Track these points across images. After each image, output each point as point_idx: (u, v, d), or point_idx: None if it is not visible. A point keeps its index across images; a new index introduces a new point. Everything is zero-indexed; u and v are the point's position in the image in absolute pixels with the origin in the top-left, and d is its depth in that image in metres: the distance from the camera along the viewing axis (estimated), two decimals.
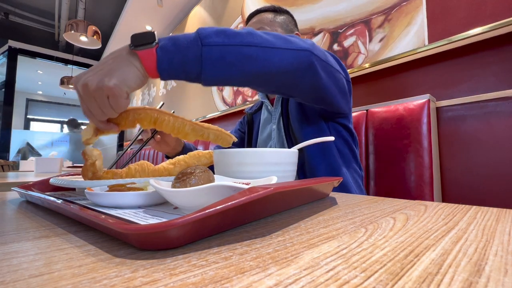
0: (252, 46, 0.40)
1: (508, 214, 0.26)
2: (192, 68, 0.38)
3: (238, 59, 0.39)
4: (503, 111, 0.78)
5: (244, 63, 0.40)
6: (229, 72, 0.40)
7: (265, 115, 0.84)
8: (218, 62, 0.39)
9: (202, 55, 0.38)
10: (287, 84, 0.48)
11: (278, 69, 0.43)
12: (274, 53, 0.42)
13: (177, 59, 0.38)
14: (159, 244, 0.17)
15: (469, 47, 0.87)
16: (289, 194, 0.29)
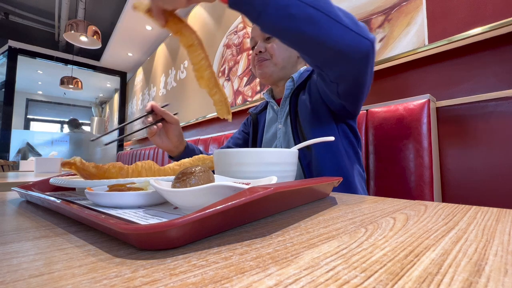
0: (319, 10, 0.40)
1: (508, 214, 0.26)
2: (257, 5, 0.39)
3: (301, 16, 0.40)
4: (503, 111, 0.78)
5: (305, 22, 0.40)
6: (287, 24, 0.40)
7: (270, 114, 0.83)
8: (282, 10, 0.39)
9: (267, 6, 0.39)
10: (334, 63, 0.46)
11: (333, 44, 0.42)
12: (338, 27, 0.41)
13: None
14: (159, 244, 0.17)
15: (469, 47, 0.87)
16: (289, 194, 0.29)
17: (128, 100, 5.47)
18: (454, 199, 0.84)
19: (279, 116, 0.78)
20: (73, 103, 8.32)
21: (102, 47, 4.45)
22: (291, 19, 0.40)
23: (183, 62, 3.02)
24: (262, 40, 0.77)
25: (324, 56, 0.45)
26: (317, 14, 0.40)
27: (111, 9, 3.72)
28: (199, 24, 2.71)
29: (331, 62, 0.46)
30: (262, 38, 0.77)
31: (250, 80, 1.93)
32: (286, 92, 0.76)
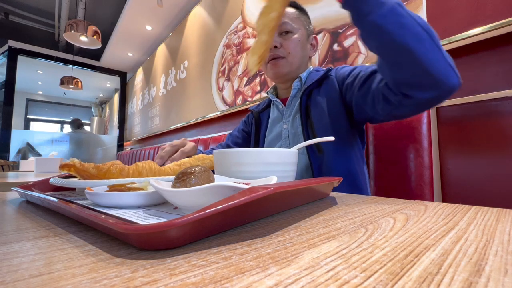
0: (426, 31, 0.42)
1: (508, 214, 0.26)
2: (372, 3, 0.42)
3: (410, 29, 0.41)
4: (503, 111, 0.78)
5: (411, 36, 0.41)
6: (396, 31, 0.41)
7: (274, 114, 0.81)
8: (395, 16, 0.41)
9: (386, 2, 0.41)
10: (418, 86, 0.45)
11: (429, 67, 0.42)
12: (437, 52, 0.42)
13: None
14: (159, 244, 0.17)
15: (469, 47, 0.87)
16: (289, 194, 0.29)
17: (128, 100, 5.47)
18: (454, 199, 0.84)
19: (284, 116, 0.75)
20: (73, 103, 8.32)
21: (102, 47, 4.45)
22: (401, 28, 0.41)
23: (183, 62, 3.02)
24: (278, 34, 0.72)
25: (413, 76, 0.44)
26: (423, 34, 0.42)
27: (111, 9, 3.72)
28: (199, 24, 2.71)
29: (416, 84, 0.45)
30: (278, 31, 0.72)
31: (250, 80, 1.93)
32: (293, 91, 0.74)
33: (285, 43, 0.71)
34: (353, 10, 0.44)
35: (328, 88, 0.69)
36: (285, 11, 0.70)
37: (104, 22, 4.01)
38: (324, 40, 1.33)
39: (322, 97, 0.68)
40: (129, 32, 3.79)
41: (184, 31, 3.05)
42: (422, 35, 0.42)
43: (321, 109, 0.66)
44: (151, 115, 4.00)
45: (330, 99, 0.67)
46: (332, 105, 0.66)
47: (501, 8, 0.79)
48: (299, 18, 0.74)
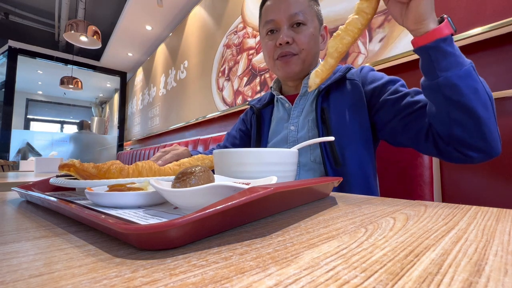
0: (491, 101, 0.44)
1: (508, 214, 0.26)
2: (454, 62, 0.42)
3: (480, 96, 0.42)
4: (503, 111, 0.78)
5: (480, 102, 0.42)
6: (468, 93, 0.42)
7: (280, 113, 0.72)
8: (470, 80, 0.42)
9: (464, 62, 0.43)
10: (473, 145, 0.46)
11: (485, 133, 0.44)
12: (494, 123, 0.45)
13: (457, 52, 0.43)
14: (159, 244, 0.17)
15: (469, 47, 0.87)
16: (289, 194, 0.29)
17: (128, 100, 5.48)
18: (454, 199, 0.84)
19: (291, 116, 0.67)
20: (73, 103, 8.33)
21: (102, 47, 4.46)
22: (474, 93, 0.42)
23: (183, 62, 3.03)
24: (288, 26, 0.63)
25: (471, 138, 0.45)
26: (489, 103, 0.43)
27: (111, 9, 3.72)
28: (199, 24, 2.71)
29: (469, 145, 0.46)
30: (288, 22, 0.63)
31: (250, 80, 1.93)
32: (303, 89, 0.67)
33: (297, 37, 0.62)
34: (429, 60, 0.43)
35: (350, 92, 0.61)
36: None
37: (104, 22, 4.01)
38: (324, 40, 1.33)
39: (343, 102, 0.61)
40: (129, 32, 3.79)
41: (184, 31, 3.05)
42: (488, 104, 0.43)
43: (342, 117, 0.59)
44: (151, 115, 4.00)
45: (354, 107, 0.60)
46: (355, 115, 0.59)
47: (501, 8, 0.79)
48: (311, 6, 0.65)
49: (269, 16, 0.65)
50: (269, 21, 0.65)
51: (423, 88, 0.46)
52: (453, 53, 0.41)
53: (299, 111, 0.67)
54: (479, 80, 0.43)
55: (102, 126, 7.47)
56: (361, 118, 0.59)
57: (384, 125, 0.58)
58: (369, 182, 0.59)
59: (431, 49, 0.42)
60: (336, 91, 0.62)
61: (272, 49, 0.65)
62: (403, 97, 0.55)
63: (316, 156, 0.61)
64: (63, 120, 8.45)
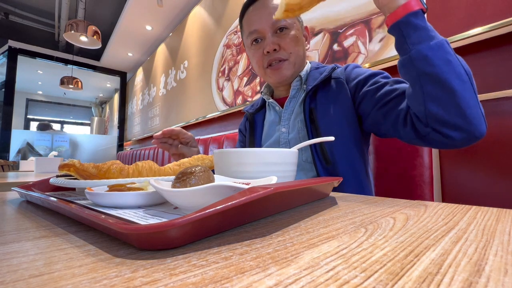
0: (468, 76, 0.42)
1: (508, 214, 0.26)
2: (424, 36, 0.43)
3: (455, 68, 0.42)
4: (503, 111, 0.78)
5: (455, 75, 0.42)
6: (440, 64, 0.42)
7: (271, 116, 0.73)
8: (443, 52, 0.42)
9: (436, 36, 0.43)
10: (452, 123, 0.44)
11: (465, 107, 0.42)
12: (474, 98, 0.43)
13: (428, 26, 0.43)
14: (159, 244, 0.17)
15: (469, 47, 0.87)
16: (289, 194, 0.29)
17: (128, 100, 5.48)
18: (454, 199, 0.84)
19: (282, 118, 0.68)
20: (73, 103, 8.33)
21: (102, 47, 4.46)
22: (447, 65, 0.41)
23: (183, 62, 3.03)
24: (272, 34, 0.63)
25: (448, 113, 0.43)
26: (466, 77, 0.42)
27: (111, 9, 3.72)
28: (199, 24, 2.71)
29: (448, 122, 0.44)
30: (272, 30, 0.63)
31: (250, 80, 1.93)
32: (292, 92, 0.67)
33: (283, 42, 0.63)
34: (401, 35, 0.44)
35: (335, 91, 0.62)
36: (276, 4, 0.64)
37: (104, 22, 4.01)
38: (324, 40, 1.33)
39: (329, 101, 0.62)
40: (129, 32, 3.79)
41: (184, 31, 3.05)
42: (464, 77, 0.42)
43: (329, 115, 0.60)
44: (151, 115, 4.00)
45: (339, 105, 0.61)
46: (341, 112, 0.60)
47: (501, 8, 0.79)
48: None
49: (252, 26, 0.65)
50: (253, 31, 0.65)
51: (399, 67, 0.47)
52: (424, 27, 0.42)
53: (289, 113, 0.68)
54: (453, 54, 0.43)
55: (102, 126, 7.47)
56: (348, 115, 0.60)
57: (367, 117, 0.58)
58: (360, 179, 0.59)
59: (402, 23, 0.43)
60: (322, 90, 0.63)
61: (260, 58, 0.66)
62: (382, 86, 0.55)
63: (308, 156, 0.62)
64: (63, 120, 8.45)
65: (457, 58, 0.43)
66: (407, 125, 0.50)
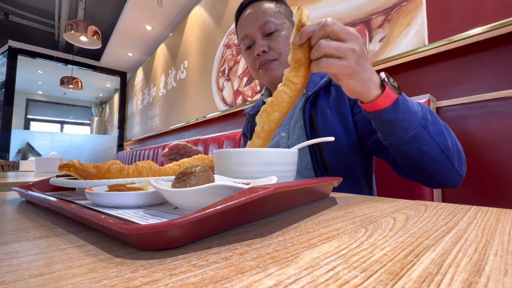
0: (443, 152, 0.43)
1: (508, 214, 0.26)
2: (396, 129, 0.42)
3: (428, 156, 0.43)
4: (503, 111, 0.78)
5: (429, 160, 0.43)
6: (414, 154, 0.43)
7: None
8: (415, 143, 0.42)
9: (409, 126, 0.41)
10: (427, 183, 0.49)
11: (437, 176, 0.45)
12: (449, 168, 0.44)
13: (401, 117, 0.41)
14: (159, 244, 0.17)
15: (469, 47, 0.87)
16: (289, 194, 0.29)
17: (128, 100, 5.48)
18: (454, 199, 0.84)
19: (282, 122, 0.68)
20: (73, 103, 8.33)
21: (102, 47, 4.46)
22: (420, 154, 0.43)
23: (183, 62, 3.03)
24: (262, 37, 0.65)
25: (423, 181, 0.48)
26: (441, 157, 0.43)
27: (111, 9, 3.72)
28: (199, 24, 2.71)
29: (423, 183, 0.49)
30: (261, 33, 0.65)
31: (250, 80, 1.93)
32: None
33: (272, 44, 0.64)
34: (375, 124, 0.45)
35: (335, 99, 0.61)
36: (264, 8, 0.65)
37: (104, 22, 4.01)
38: None
39: (330, 109, 0.60)
40: (129, 32, 3.79)
41: (184, 31, 3.05)
42: (439, 159, 0.43)
43: (329, 124, 0.59)
44: (151, 115, 4.00)
45: (340, 114, 0.59)
46: (341, 123, 0.59)
47: (501, 8, 0.79)
48: (279, 11, 0.66)
49: (243, 32, 0.67)
50: (244, 37, 0.68)
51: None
52: (396, 121, 0.40)
53: (289, 117, 0.68)
54: (429, 139, 0.41)
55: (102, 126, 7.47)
56: (347, 125, 0.59)
57: (362, 140, 0.59)
58: (359, 188, 0.59)
59: (375, 117, 0.42)
60: (323, 97, 0.63)
61: (252, 61, 0.68)
62: None
63: (307, 163, 0.62)
64: (63, 120, 8.45)
65: (433, 141, 0.42)
66: (396, 167, 0.53)
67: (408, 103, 0.41)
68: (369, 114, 0.43)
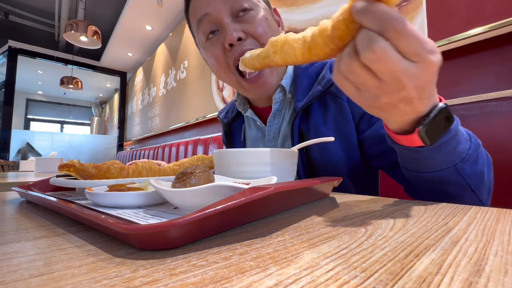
0: (473, 191, 0.36)
1: (508, 214, 0.26)
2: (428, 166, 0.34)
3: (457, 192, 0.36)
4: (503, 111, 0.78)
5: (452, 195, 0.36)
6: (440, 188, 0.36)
7: (253, 131, 0.60)
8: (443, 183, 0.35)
9: (444, 171, 0.34)
10: None
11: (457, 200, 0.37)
12: (475, 201, 0.37)
13: (432, 156, 0.32)
14: (159, 244, 0.17)
15: (469, 47, 0.87)
16: (289, 194, 0.29)
17: (128, 100, 5.48)
18: None
19: (267, 138, 0.55)
20: (73, 103, 8.33)
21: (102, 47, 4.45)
22: (445, 192, 0.36)
23: (183, 62, 3.02)
24: (232, 19, 0.45)
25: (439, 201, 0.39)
26: (470, 196, 0.36)
27: (111, 9, 3.72)
28: None
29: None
30: (230, 13, 0.45)
31: None
32: (275, 106, 0.53)
33: (250, 28, 0.45)
34: (398, 154, 0.36)
35: (334, 114, 0.48)
36: None
37: (104, 22, 4.01)
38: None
39: (326, 125, 0.48)
40: (129, 32, 3.79)
41: (184, 31, 3.05)
42: (467, 197, 0.36)
43: (324, 149, 0.48)
44: (151, 115, 4.00)
45: (340, 132, 0.48)
46: (343, 143, 0.48)
47: (501, 8, 0.79)
48: None
49: (202, 10, 0.46)
50: (203, 17, 0.46)
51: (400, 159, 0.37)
52: (423, 157, 0.32)
53: (275, 131, 0.55)
54: (459, 180, 0.34)
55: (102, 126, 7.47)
56: (349, 147, 0.48)
57: (369, 159, 0.49)
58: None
59: (396, 147, 0.34)
60: (317, 110, 0.49)
61: (221, 56, 0.47)
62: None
63: None
64: (63, 120, 8.45)
65: (464, 180, 0.34)
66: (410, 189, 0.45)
67: (452, 143, 0.31)
68: (390, 141, 0.34)
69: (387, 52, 0.20)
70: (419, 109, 0.26)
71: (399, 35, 0.20)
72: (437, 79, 0.25)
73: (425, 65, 0.22)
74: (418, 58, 0.21)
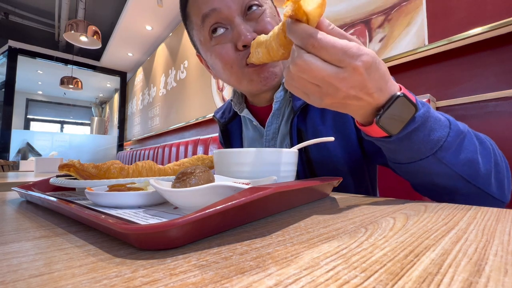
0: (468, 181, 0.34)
1: (508, 214, 0.26)
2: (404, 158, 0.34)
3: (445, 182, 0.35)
4: (503, 111, 0.78)
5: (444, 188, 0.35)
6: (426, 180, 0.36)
7: (250, 131, 0.60)
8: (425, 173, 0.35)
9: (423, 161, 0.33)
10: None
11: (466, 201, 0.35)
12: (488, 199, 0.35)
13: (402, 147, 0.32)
14: (159, 244, 0.17)
15: (469, 47, 0.87)
16: (289, 194, 0.29)
17: (128, 100, 5.48)
18: None
19: (265, 138, 0.55)
20: (73, 103, 8.33)
21: (102, 47, 4.45)
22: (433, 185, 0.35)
23: (183, 62, 3.02)
24: (242, 18, 0.44)
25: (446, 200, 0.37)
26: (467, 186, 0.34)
27: (111, 9, 3.72)
28: None
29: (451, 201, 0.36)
30: (240, 9, 0.44)
31: None
32: (275, 105, 0.52)
33: (260, 27, 0.44)
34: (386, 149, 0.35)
35: (333, 111, 0.47)
36: None
37: (104, 22, 4.01)
38: None
39: (325, 124, 0.48)
40: (129, 32, 3.79)
41: (184, 31, 3.04)
42: (463, 189, 0.34)
43: (324, 148, 0.48)
44: (151, 115, 4.00)
45: (339, 131, 0.48)
46: (342, 142, 0.48)
47: (501, 8, 0.79)
48: None
49: (209, 5, 0.43)
50: (210, 12, 0.43)
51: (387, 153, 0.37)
52: (393, 149, 0.33)
53: (274, 132, 0.54)
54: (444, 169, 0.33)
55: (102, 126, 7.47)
56: (349, 147, 0.48)
57: (371, 157, 0.49)
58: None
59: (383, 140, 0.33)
60: (315, 108, 0.49)
61: (233, 56, 0.45)
62: None
63: None
64: (63, 120, 8.45)
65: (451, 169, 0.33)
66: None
67: (423, 131, 0.31)
68: (363, 134, 0.34)
69: (311, 63, 0.25)
70: (373, 101, 0.29)
71: (316, 48, 0.25)
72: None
73: (352, 69, 0.26)
74: (343, 64, 0.25)
